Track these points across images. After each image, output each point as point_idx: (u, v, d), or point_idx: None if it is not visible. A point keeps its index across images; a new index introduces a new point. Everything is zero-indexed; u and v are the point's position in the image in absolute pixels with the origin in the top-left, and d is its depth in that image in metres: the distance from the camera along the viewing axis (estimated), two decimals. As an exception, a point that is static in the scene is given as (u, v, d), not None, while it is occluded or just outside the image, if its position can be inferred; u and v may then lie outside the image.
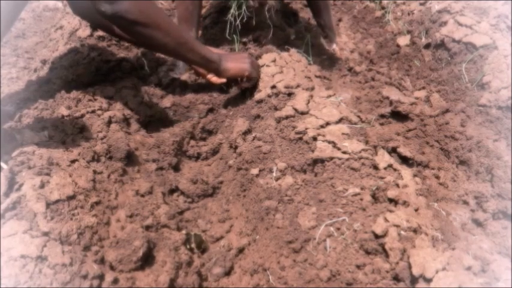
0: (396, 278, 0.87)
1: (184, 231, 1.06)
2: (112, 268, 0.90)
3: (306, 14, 2.25)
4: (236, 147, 1.31)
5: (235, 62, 1.43)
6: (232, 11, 1.66)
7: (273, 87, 1.39)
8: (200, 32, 1.93)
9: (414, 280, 0.85)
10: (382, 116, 1.46)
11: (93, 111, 1.32)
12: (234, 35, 1.73)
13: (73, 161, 1.08)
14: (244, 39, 1.81)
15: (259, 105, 1.39)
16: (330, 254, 0.92)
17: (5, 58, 1.89)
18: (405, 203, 1.00)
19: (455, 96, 1.44)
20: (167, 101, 1.55)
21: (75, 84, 1.50)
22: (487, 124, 1.29)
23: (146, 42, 1.40)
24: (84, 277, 0.83)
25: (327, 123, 1.21)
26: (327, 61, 1.83)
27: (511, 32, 1.44)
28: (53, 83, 1.49)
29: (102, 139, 1.23)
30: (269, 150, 1.21)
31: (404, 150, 1.28)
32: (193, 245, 1.05)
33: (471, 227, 1.11)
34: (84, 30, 1.71)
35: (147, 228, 1.00)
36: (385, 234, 0.90)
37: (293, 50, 1.65)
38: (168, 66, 1.70)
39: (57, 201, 0.92)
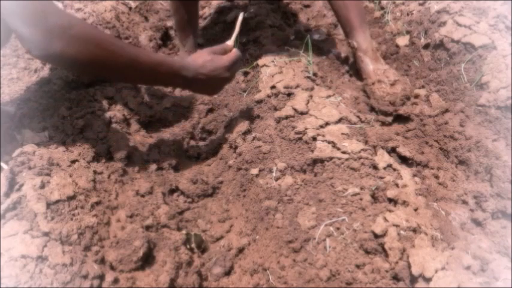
0: (396, 278, 0.88)
1: (184, 231, 1.06)
2: (112, 268, 0.90)
3: (305, 14, 2.25)
4: (236, 147, 1.32)
5: (205, 90, 1.27)
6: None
7: (273, 87, 1.39)
8: (200, 33, 1.93)
9: (414, 280, 0.86)
10: (382, 116, 1.46)
11: (93, 112, 1.32)
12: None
13: (73, 161, 1.08)
14: (244, 40, 1.82)
15: (258, 105, 1.39)
16: (329, 254, 0.93)
17: (5, 59, 1.88)
18: (405, 203, 1.00)
19: (455, 96, 1.44)
20: (167, 101, 1.55)
21: (75, 84, 1.50)
22: (486, 124, 1.29)
23: (96, 76, 1.26)
24: (85, 277, 0.83)
25: (327, 123, 1.21)
26: (326, 61, 1.84)
27: (510, 32, 1.44)
28: (53, 84, 1.49)
29: (102, 139, 1.23)
30: (269, 150, 1.22)
31: (403, 150, 1.28)
32: (193, 245, 1.05)
33: (470, 227, 1.11)
34: (84, 31, 1.71)
35: (147, 228, 1.00)
36: (384, 234, 0.91)
37: (293, 51, 1.66)
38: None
39: (57, 201, 0.92)
